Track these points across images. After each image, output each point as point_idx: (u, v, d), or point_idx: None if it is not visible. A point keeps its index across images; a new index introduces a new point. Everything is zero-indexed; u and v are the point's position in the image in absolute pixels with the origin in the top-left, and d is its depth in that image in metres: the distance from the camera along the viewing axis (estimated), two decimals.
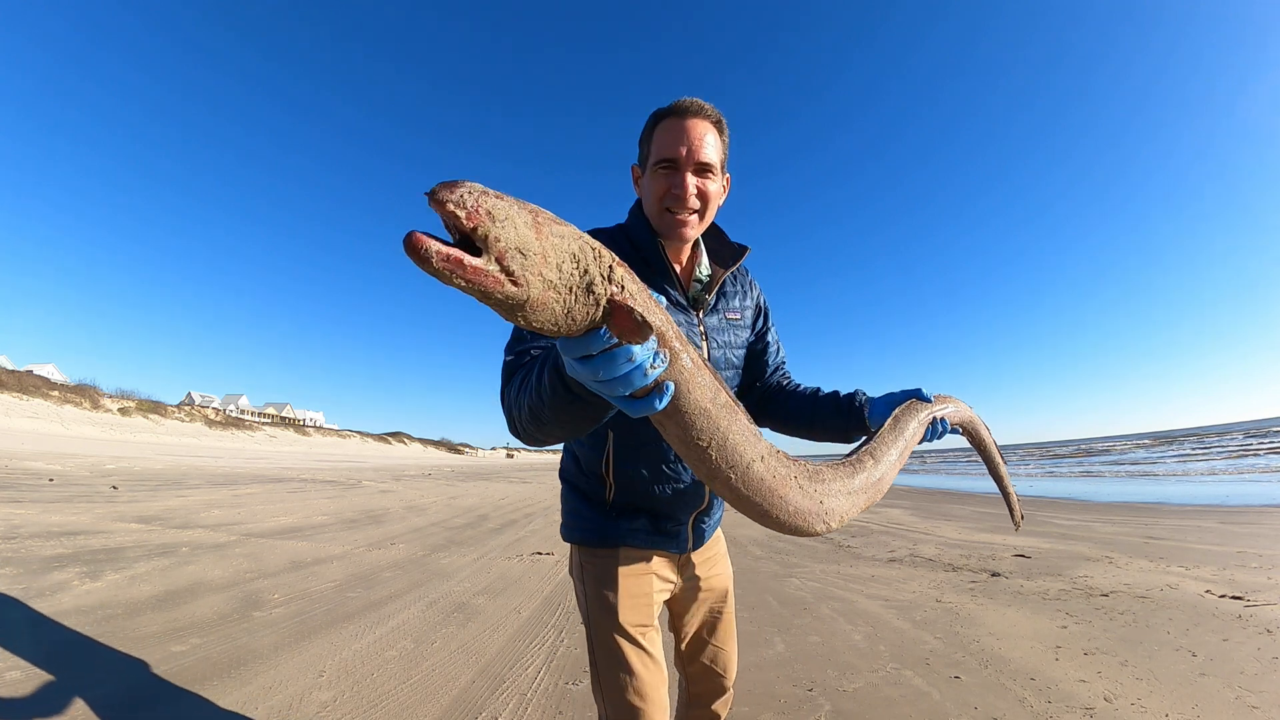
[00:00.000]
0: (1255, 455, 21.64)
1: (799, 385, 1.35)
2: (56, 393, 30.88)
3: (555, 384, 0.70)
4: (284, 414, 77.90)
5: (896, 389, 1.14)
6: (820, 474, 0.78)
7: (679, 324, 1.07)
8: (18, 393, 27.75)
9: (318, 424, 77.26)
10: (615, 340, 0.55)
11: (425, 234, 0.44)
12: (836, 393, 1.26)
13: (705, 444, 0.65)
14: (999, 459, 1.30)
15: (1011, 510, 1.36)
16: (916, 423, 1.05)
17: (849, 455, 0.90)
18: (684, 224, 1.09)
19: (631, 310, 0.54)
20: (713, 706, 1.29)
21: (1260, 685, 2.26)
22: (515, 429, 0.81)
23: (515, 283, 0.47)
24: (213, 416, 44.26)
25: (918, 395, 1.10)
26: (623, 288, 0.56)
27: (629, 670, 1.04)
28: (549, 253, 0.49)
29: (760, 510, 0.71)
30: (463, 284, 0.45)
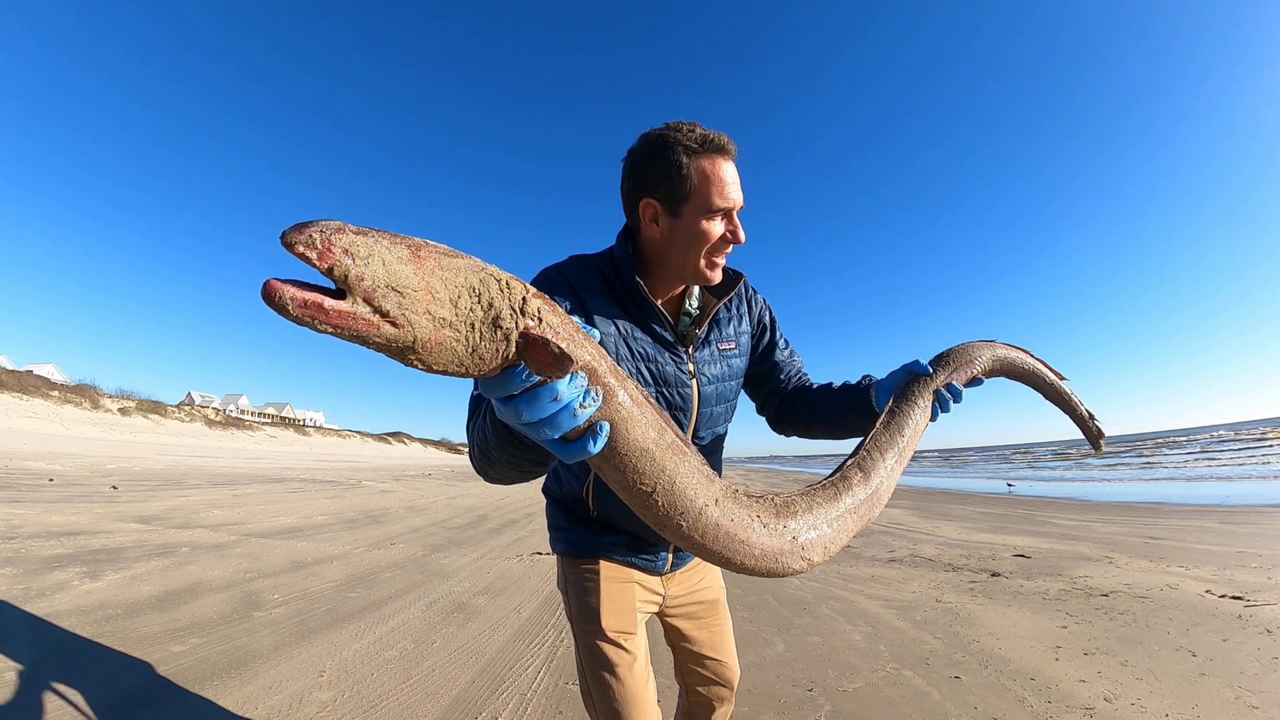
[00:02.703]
0: (1253, 463, 21.67)
1: (813, 385, 1.29)
2: (56, 393, 30.88)
3: (496, 423, 0.66)
4: (284, 414, 77.90)
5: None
6: (791, 506, 0.69)
7: (665, 363, 1.06)
8: (18, 393, 27.76)
9: (318, 424, 77.27)
10: (536, 378, 0.51)
11: (286, 280, 0.40)
12: (846, 383, 1.21)
13: (649, 489, 0.59)
14: (1053, 378, 1.11)
15: (1087, 431, 1.15)
16: (917, 411, 0.93)
17: (834, 472, 0.80)
18: (718, 267, 1.06)
19: (547, 343, 0.49)
20: (713, 718, 1.28)
21: (1260, 685, 2.26)
22: (473, 465, 0.78)
23: (394, 324, 0.43)
24: (213, 416, 44.26)
25: (914, 368, 1.01)
26: (540, 320, 0.51)
27: (615, 676, 1.04)
28: (438, 288, 0.45)
29: (721, 558, 0.64)
30: (330, 330, 0.41)
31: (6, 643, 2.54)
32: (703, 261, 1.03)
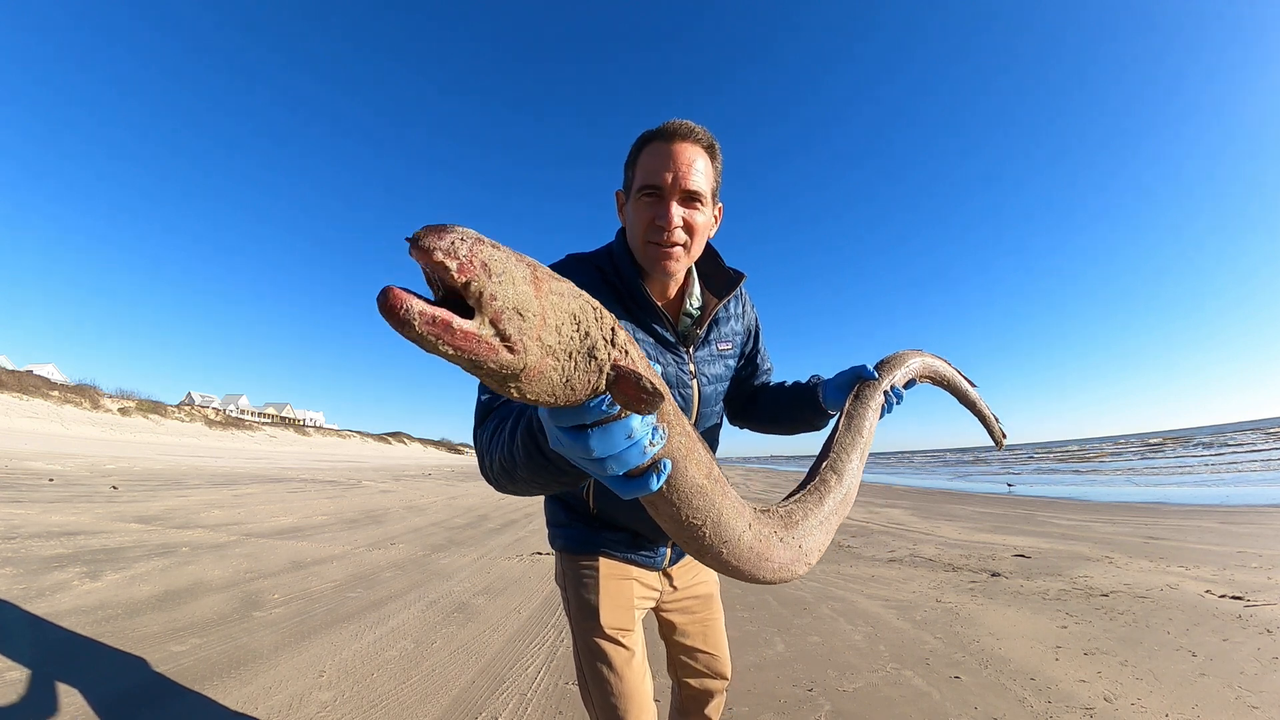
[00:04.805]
0: (1254, 458, 21.66)
1: (768, 383, 1.36)
2: (56, 393, 30.88)
3: (529, 447, 0.63)
4: (284, 414, 77.90)
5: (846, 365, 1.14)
6: (793, 516, 0.74)
7: (668, 364, 1.06)
8: (18, 393, 27.76)
9: (318, 424, 77.29)
10: (615, 411, 0.49)
11: (405, 290, 0.36)
12: (797, 382, 1.27)
13: (700, 523, 0.60)
14: (966, 385, 1.27)
15: (990, 430, 1.32)
16: (870, 412, 1.01)
17: (811, 478, 0.85)
18: (668, 257, 1.01)
19: (640, 378, 0.46)
20: (705, 711, 1.28)
21: (1260, 685, 2.26)
22: (488, 478, 0.75)
23: (511, 349, 0.40)
24: (213, 416, 44.26)
25: (861, 373, 1.08)
26: (626, 352, 0.49)
27: (613, 671, 1.05)
28: (548, 313, 0.43)
29: (749, 575, 0.67)
30: (450, 352, 0.38)
31: (6, 643, 2.54)
32: (644, 246, 1.01)
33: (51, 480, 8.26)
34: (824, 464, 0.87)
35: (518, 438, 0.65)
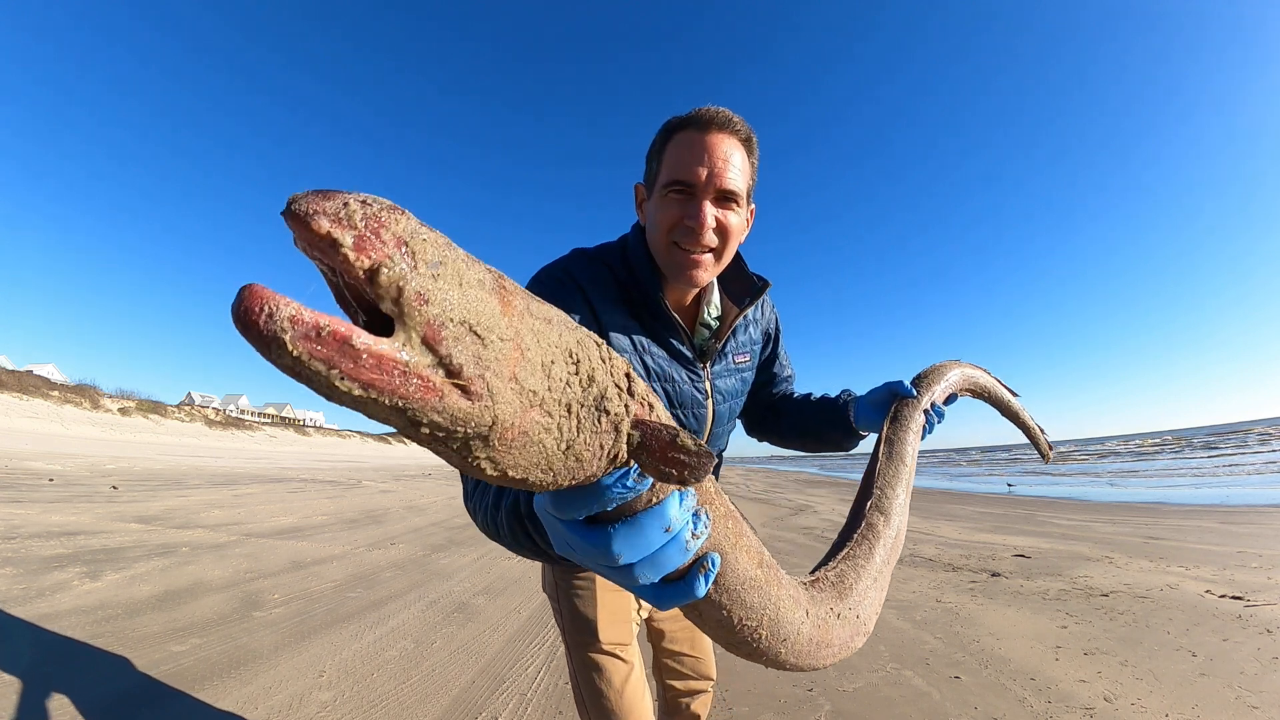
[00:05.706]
0: (1254, 456, 21.65)
1: (792, 393, 1.28)
2: (56, 393, 30.87)
3: (517, 532, 0.50)
4: (284, 414, 77.93)
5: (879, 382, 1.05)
6: (845, 579, 0.62)
7: (683, 382, 0.96)
8: (18, 393, 27.75)
9: (318, 424, 77.26)
10: (643, 488, 0.34)
11: (275, 293, 0.22)
12: (825, 397, 1.19)
13: (755, 623, 0.47)
14: (1009, 397, 1.19)
15: (1037, 443, 1.26)
16: (911, 435, 0.91)
17: (856, 522, 0.74)
18: (696, 264, 0.90)
19: (674, 434, 0.32)
20: (693, 709, 1.27)
21: (1260, 685, 2.26)
22: (474, 521, 0.64)
23: (466, 390, 0.25)
24: (213, 416, 44.26)
25: (899, 389, 0.98)
26: (649, 405, 0.35)
27: (613, 688, 1.01)
28: (529, 343, 0.28)
29: (806, 668, 0.56)
30: (354, 387, 0.22)
31: (6, 643, 2.54)
32: (668, 248, 0.91)
33: (51, 480, 8.26)
34: (869, 503, 0.75)
35: (502, 513, 0.51)
